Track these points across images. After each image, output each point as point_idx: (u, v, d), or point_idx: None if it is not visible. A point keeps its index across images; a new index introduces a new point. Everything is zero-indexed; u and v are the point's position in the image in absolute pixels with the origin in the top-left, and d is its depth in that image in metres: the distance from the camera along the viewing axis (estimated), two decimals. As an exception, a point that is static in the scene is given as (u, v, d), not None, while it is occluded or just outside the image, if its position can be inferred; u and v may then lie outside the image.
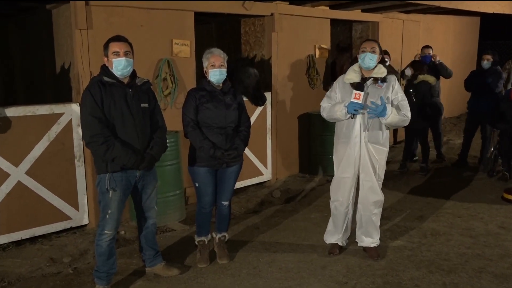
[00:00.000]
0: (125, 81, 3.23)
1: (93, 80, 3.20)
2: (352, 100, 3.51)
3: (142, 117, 3.25)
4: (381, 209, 3.84)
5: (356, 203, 3.88)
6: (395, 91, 3.65)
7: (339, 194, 3.82)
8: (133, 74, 3.29)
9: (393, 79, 3.68)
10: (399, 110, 3.58)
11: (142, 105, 3.26)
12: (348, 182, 3.76)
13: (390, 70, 6.52)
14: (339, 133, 3.77)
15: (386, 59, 6.53)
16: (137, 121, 3.21)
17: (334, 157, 3.86)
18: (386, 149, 3.74)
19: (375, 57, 3.59)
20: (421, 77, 6.22)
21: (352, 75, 3.65)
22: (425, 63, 6.64)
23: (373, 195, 3.75)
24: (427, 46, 6.93)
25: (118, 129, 3.16)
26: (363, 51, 3.59)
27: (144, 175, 3.34)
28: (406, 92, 6.14)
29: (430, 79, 6.26)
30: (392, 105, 3.60)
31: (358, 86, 3.57)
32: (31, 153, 4.11)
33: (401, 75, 6.60)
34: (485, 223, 4.60)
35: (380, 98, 3.51)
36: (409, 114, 3.63)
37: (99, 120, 3.08)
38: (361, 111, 3.55)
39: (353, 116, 3.60)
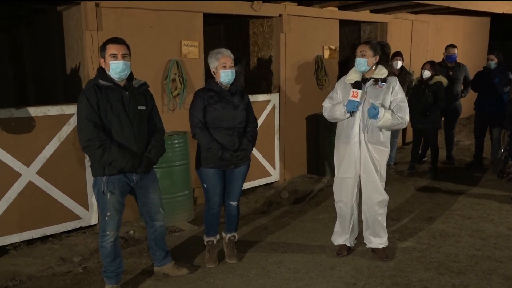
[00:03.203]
0: (122, 83, 3.17)
1: (89, 84, 3.15)
2: (350, 98, 3.54)
3: (139, 119, 3.21)
4: (386, 208, 3.83)
5: (360, 203, 3.88)
6: (395, 92, 3.64)
7: (343, 195, 3.84)
8: (130, 77, 3.23)
9: (394, 80, 3.68)
10: (396, 112, 3.57)
11: (139, 107, 3.21)
12: (350, 182, 3.77)
13: (404, 72, 6.53)
14: (340, 133, 3.80)
15: (399, 61, 6.51)
16: (134, 124, 3.16)
17: (335, 157, 3.87)
18: (387, 149, 3.73)
19: (365, 61, 3.61)
20: (436, 78, 6.18)
21: (353, 75, 3.68)
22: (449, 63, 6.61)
23: (377, 195, 3.75)
24: (452, 45, 6.83)
25: (115, 132, 3.11)
26: (356, 56, 3.64)
27: (142, 179, 3.30)
28: (421, 92, 6.10)
29: (444, 80, 6.22)
30: (391, 105, 3.61)
31: (356, 84, 3.59)
32: (42, 153, 4.16)
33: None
34: (495, 225, 4.56)
35: (372, 104, 3.51)
36: (407, 117, 3.61)
37: (94, 124, 3.04)
38: (359, 108, 3.57)
39: (352, 114, 3.61)
